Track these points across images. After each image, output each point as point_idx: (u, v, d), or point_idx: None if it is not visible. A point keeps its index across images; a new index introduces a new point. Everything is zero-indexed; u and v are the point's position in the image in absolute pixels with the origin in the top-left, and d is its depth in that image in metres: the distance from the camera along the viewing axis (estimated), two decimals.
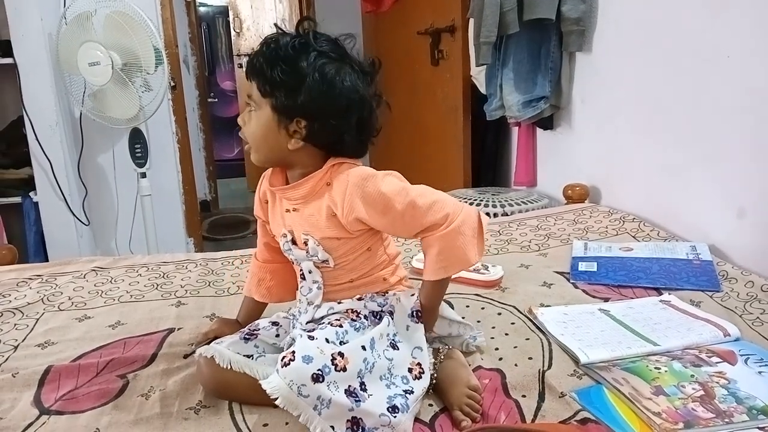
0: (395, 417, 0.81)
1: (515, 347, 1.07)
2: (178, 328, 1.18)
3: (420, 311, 0.96)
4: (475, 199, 2.16)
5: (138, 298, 1.36)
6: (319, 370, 0.79)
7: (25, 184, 2.40)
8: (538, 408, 0.89)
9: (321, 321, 0.96)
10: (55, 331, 1.20)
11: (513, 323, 1.16)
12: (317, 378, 0.79)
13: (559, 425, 0.85)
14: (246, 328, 1.00)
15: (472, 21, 2.12)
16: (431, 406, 0.90)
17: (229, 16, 5.58)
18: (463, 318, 1.10)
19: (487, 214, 2.05)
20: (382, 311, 0.96)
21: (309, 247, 0.94)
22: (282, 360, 0.81)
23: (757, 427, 0.82)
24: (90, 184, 2.55)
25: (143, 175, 2.39)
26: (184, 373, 1.00)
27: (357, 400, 0.81)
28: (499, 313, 1.20)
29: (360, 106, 0.90)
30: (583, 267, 1.42)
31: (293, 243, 0.97)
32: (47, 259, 2.30)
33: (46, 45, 2.25)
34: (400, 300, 0.97)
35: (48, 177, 2.32)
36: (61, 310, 1.30)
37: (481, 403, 0.89)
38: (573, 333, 1.09)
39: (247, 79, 0.92)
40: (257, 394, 0.82)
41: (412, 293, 0.98)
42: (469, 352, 1.03)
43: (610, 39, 1.89)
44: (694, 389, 0.90)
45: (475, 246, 0.92)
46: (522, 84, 2.11)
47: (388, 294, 0.99)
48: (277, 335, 0.99)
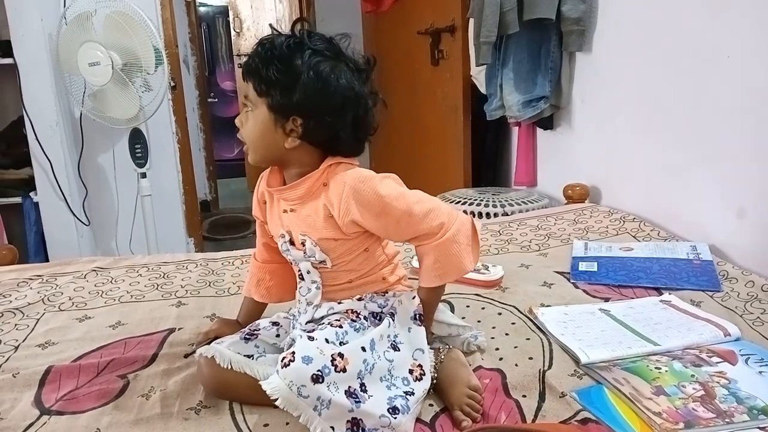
0: (395, 418, 0.81)
1: (515, 347, 1.07)
2: (179, 329, 1.19)
3: (422, 314, 0.96)
4: (475, 199, 2.16)
5: (138, 298, 1.36)
6: (318, 370, 0.80)
7: (26, 185, 2.40)
8: (539, 408, 0.89)
9: (321, 321, 0.96)
10: (55, 331, 1.20)
11: (513, 323, 1.16)
12: (317, 379, 0.79)
13: (559, 425, 0.85)
14: (246, 328, 1.00)
15: (472, 21, 2.12)
16: (431, 406, 0.90)
17: (229, 16, 5.58)
18: (463, 318, 1.10)
19: (487, 215, 2.06)
20: (382, 312, 0.96)
21: (306, 248, 0.94)
22: (282, 361, 0.81)
23: (758, 427, 0.82)
24: (90, 184, 2.55)
25: (143, 175, 2.39)
26: (184, 374, 1.00)
27: (357, 401, 0.81)
28: (500, 313, 1.20)
29: (355, 104, 0.91)
30: (583, 267, 1.42)
31: (291, 243, 0.97)
32: (47, 260, 2.30)
33: (46, 45, 2.25)
34: (402, 302, 0.97)
35: (48, 177, 2.32)
36: (62, 311, 1.30)
37: (482, 403, 0.89)
38: (573, 333, 1.09)
39: (244, 80, 0.92)
40: (257, 394, 0.82)
41: (413, 295, 0.98)
42: (469, 352, 1.03)
43: (610, 39, 1.89)
44: (694, 389, 0.90)
45: (470, 254, 0.93)
46: (522, 84, 2.11)
47: (388, 294, 0.99)
48: (277, 335, 0.99)
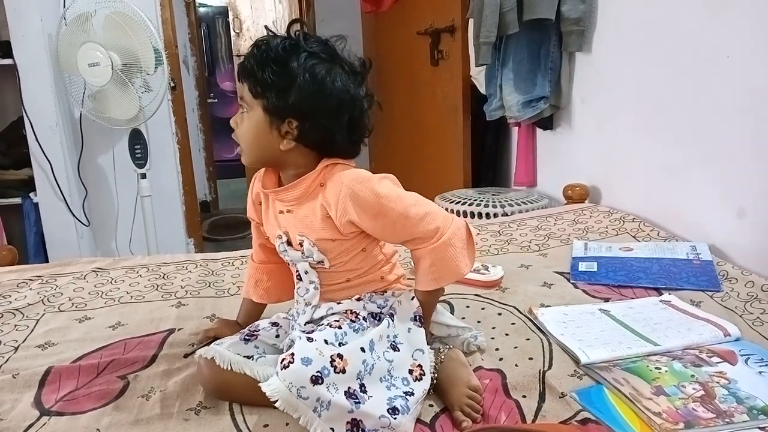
0: (395, 419, 0.81)
1: (515, 347, 1.06)
2: (179, 329, 1.18)
3: (421, 315, 0.96)
4: (475, 200, 2.16)
5: (138, 298, 1.36)
6: (318, 371, 0.80)
7: (25, 185, 2.40)
8: (539, 408, 0.89)
9: (320, 322, 0.96)
10: (55, 332, 1.20)
11: (513, 323, 1.16)
12: (316, 380, 0.79)
13: (559, 425, 0.85)
14: (246, 329, 1.00)
15: (471, 21, 2.12)
16: (431, 406, 0.90)
17: (228, 17, 5.59)
18: (463, 318, 1.10)
19: (487, 215, 2.06)
20: (381, 313, 0.96)
21: (304, 249, 0.94)
22: (281, 362, 0.81)
23: (758, 427, 0.82)
24: (90, 184, 2.55)
25: (143, 175, 2.39)
26: (184, 374, 1.00)
27: (357, 401, 0.80)
28: (500, 314, 1.20)
29: (351, 106, 0.91)
30: (583, 267, 1.42)
31: (288, 244, 0.97)
32: (47, 260, 2.30)
33: (46, 46, 2.25)
34: (401, 302, 0.97)
35: (48, 178, 2.33)
36: (62, 311, 1.30)
37: (482, 403, 0.89)
38: (573, 333, 1.09)
39: (239, 81, 0.92)
40: (257, 395, 0.82)
41: (413, 296, 0.98)
42: (469, 352, 1.03)
43: (610, 39, 1.89)
44: (694, 389, 0.90)
45: (465, 257, 0.93)
46: (522, 84, 2.11)
47: (387, 294, 0.99)
48: (276, 336, 0.99)
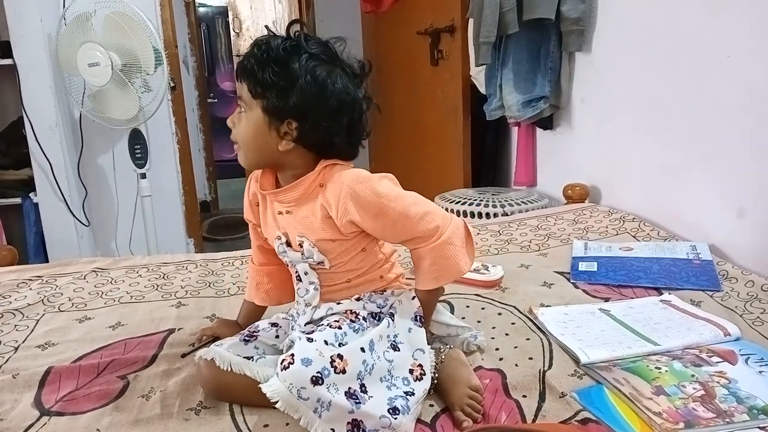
0: (396, 419, 0.81)
1: (515, 347, 1.06)
2: (179, 329, 1.18)
3: (422, 315, 0.96)
4: (475, 200, 2.16)
5: (138, 298, 1.36)
6: (318, 372, 0.79)
7: (25, 185, 2.40)
8: (539, 408, 0.89)
9: (320, 322, 0.95)
10: (55, 332, 1.20)
11: (513, 323, 1.16)
12: (317, 380, 0.79)
13: (559, 425, 0.85)
14: (246, 330, 1.00)
15: (471, 21, 2.12)
16: (432, 406, 0.90)
17: (228, 17, 5.59)
18: (463, 318, 1.10)
19: (487, 215, 2.06)
20: (381, 312, 0.96)
21: (304, 249, 0.94)
22: (281, 363, 0.81)
23: (758, 427, 0.82)
24: (90, 184, 2.55)
25: (143, 175, 2.39)
26: (184, 374, 1.00)
27: (357, 402, 0.80)
28: (500, 313, 1.20)
29: (351, 109, 0.91)
30: (583, 267, 1.42)
31: (288, 245, 0.97)
32: (47, 260, 2.30)
33: (46, 46, 2.25)
34: (402, 302, 0.97)
35: (48, 178, 2.33)
36: (62, 311, 1.30)
37: (483, 403, 0.89)
38: (573, 333, 1.09)
39: (238, 81, 0.91)
40: (257, 396, 0.82)
41: (413, 295, 0.98)
42: (469, 352, 1.03)
43: (609, 39, 1.89)
44: (694, 389, 0.90)
45: (465, 256, 0.93)
46: (522, 84, 2.11)
47: (386, 293, 0.99)
48: (276, 336, 0.99)
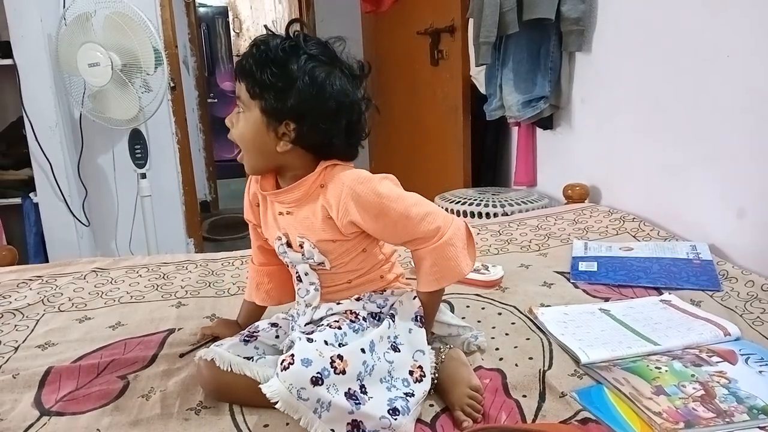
0: (396, 419, 0.81)
1: (515, 347, 1.06)
2: (179, 329, 1.18)
3: (422, 315, 0.96)
4: (475, 199, 2.16)
5: (138, 298, 1.36)
6: (318, 373, 0.79)
7: (25, 185, 2.40)
8: (539, 408, 0.89)
9: (320, 323, 0.95)
10: (55, 332, 1.20)
11: (513, 323, 1.16)
12: (316, 381, 0.79)
13: (559, 425, 0.85)
14: (246, 330, 1.00)
15: (471, 21, 2.12)
16: (432, 406, 0.90)
17: (228, 17, 5.59)
18: (463, 318, 1.10)
19: (487, 215, 2.06)
20: (381, 312, 0.96)
21: (305, 250, 0.94)
22: (281, 364, 0.81)
23: (758, 427, 0.82)
24: (90, 184, 2.55)
25: (143, 175, 2.39)
26: (184, 374, 1.00)
27: (357, 402, 0.80)
28: (500, 313, 1.20)
29: (349, 110, 0.90)
30: (583, 267, 1.42)
31: (288, 246, 0.97)
32: (47, 260, 2.30)
33: (46, 46, 2.25)
34: (402, 303, 0.97)
35: (48, 178, 2.33)
36: (62, 311, 1.30)
37: (483, 403, 0.89)
38: (573, 333, 1.09)
39: (236, 80, 0.91)
40: (258, 396, 0.82)
41: (414, 296, 0.98)
42: (469, 352, 1.03)
43: (609, 39, 1.89)
44: (694, 389, 0.90)
45: (467, 257, 0.93)
46: (522, 84, 2.11)
47: (386, 293, 0.99)
48: (276, 336, 0.99)
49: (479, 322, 1.16)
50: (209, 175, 4.47)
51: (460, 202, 2.16)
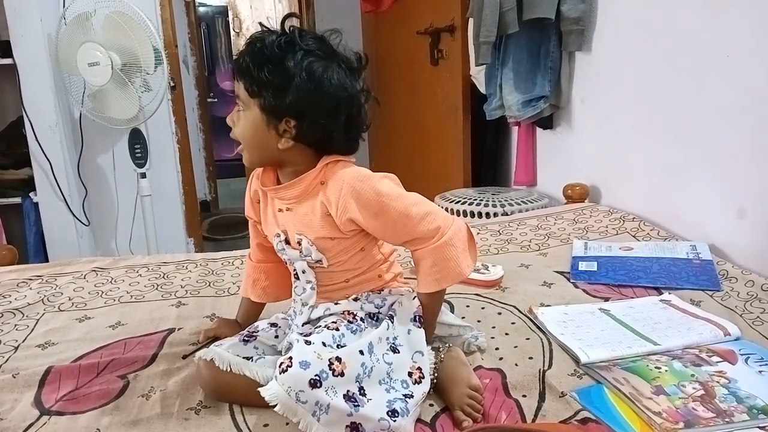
0: (395, 421, 0.81)
1: (515, 347, 1.06)
2: (179, 329, 1.18)
3: (422, 316, 0.96)
4: (475, 199, 2.16)
5: (138, 298, 1.36)
6: (316, 375, 0.79)
7: (25, 185, 2.40)
8: (539, 408, 0.89)
9: (317, 323, 0.95)
10: (55, 331, 1.20)
11: (513, 323, 1.16)
12: (315, 383, 0.79)
13: (559, 425, 0.85)
14: (245, 330, 1.00)
15: (471, 21, 2.12)
16: (432, 406, 0.90)
17: (228, 16, 5.59)
18: (463, 318, 1.10)
19: (487, 214, 2.06)
20: (380, 313, 0.96)
21: (303, 247, 0.94)
22: (279, 366, 0.80)
23: (758, 427, 0.82)
24: (90, 184, 2.55)
25: (143, 175, 2.39)
26: (184, 374, 1.00)
27: (356, 404, 0.80)
28: (500, 313, 1.20)
29: (349, 104, 0.90)
30: (583, 266, 1.42)
31: (287, 243, 0.97)
32: (47, 260, 2.30)
33: (46, 45, 2.25)
34: (402, 303, 0.97)
35: (48, 177, 2.33)
36: (62, 311, 1.30)
37: (483, 402, 0.89)
38: (573, 333, 1.09)
39: (234, 79, 0.91)
40: (257, 396, 0.82)
41: (413, 296, 0.98)
42: (469, 352, 1.03)
43: (609, 39, 1.89)
44: (694, 389, 0.90)
45: (467, 257, 0.92)
46: (522, 84, 2.11)
47: (384, 293, 0.99)
48: (276, 336, 0.99)
49: (479, 321, 1.16)
50: (209, 175, 4.47)
51: (460, 201, 2.16)
